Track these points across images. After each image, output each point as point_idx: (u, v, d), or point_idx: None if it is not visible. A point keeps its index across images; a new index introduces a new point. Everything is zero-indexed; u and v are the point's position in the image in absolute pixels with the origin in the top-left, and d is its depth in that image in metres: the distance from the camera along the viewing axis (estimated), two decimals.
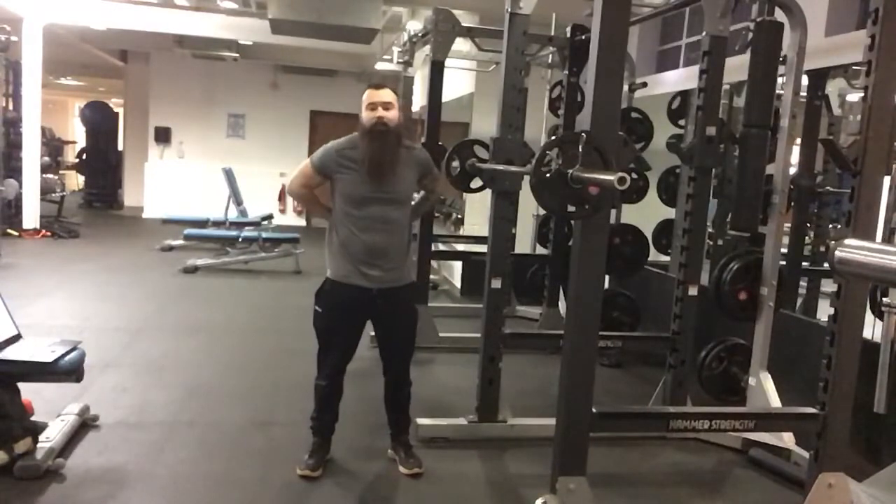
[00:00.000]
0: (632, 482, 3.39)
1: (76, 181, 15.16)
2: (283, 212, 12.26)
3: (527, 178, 2.36)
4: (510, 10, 3.55)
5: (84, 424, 3.39)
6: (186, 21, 9.76)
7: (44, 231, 9.39)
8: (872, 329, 3.28)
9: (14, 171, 9.12)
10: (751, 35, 3.57)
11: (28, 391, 3.11)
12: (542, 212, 6.08)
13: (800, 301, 5.20)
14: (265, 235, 8.24)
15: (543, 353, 4.99)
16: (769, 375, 3.58)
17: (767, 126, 3.56)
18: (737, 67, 3.88)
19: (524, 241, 6.50)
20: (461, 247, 7.35)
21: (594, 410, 2.56)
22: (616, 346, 4.36)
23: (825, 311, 3.10)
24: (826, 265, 4.23)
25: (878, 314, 3.20)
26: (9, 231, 8.90)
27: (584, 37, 4.96)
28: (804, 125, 4.67)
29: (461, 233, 8.34)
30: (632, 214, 5.08)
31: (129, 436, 3.40)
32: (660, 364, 3.99)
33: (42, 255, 8.14)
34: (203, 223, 8.60)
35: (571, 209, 2.36)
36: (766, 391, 3.53)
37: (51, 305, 5.89)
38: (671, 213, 5.15)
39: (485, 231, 4.20)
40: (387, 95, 3.00)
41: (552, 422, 2.63)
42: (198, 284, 7.22)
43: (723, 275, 3.66)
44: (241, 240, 8.14)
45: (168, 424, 3.57)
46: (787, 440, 3.48)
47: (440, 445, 3.50)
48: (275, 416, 3.81)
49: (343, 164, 3.01)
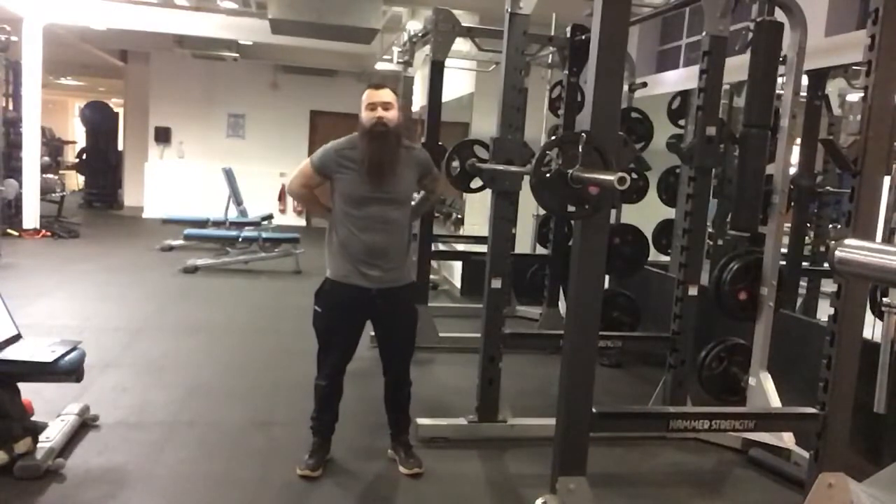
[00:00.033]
0: (632, 482, 3.39)
1: (76, 181, 15.16)
2: (283, 212, 12.27)
3: (527, 178, 2.36)
4: (510, 10, 3.55)
5: (84, 424, 3.39)
6: (186, 21, 9.77)
7: (44, 231, 9.39)
8: (872, 329, 3.28)
9: (14, 171, 9.12)
10: (751, 35, 3.57)
11: (28, 391, 3.11)
12: (542, 212, 6.08)
13: (800, 301, 5.20)
14: (265, 235, 8.24)
15: (543, 353, 4.98)
16: (769, 375, 3.58)
17: (767, 126, 3.56)
18: (737, 67, 3.88)
19: (524, 241, 6.49)
20: (461, 247, 7.35)
21: (594, 410, 2.56)
22: (616, 346, 4.35)
23: (825, 311, 3.10)
24: (826, 265, 4.23)
25: (878, 314, 3.20)
26: (9, 231, 8.90)
27: (584, 37, 4.96)
28: (804, 125, 4.67)
29: (461, 233, 8.34)
30: (632, 214, 5.08)
31: (129, 436, 3.40)
32: (660, 364, 3.99)
33: (42, 255, 8.14)
34: (203, 223, 8.60)
35: (571, 209, 2.36)
36: (766, 391, 3.53)
37: (51, 305, 5.89)
38: (671, 213, 5.15)
39: (485, 231, 4.20)
40: (386, 95, 3.00)
41: (552, 422, 2.63)
42: (198, 284, 7.22)
43: (723, 275, 3.66)
44: (241, 240, 8.14)
45: (168, 424, 3.57)
46: (787, 440, 3.48)
47: (440, 445, 3.50)
48: (275, 416, 3.81)
49: (343, 164, 3.01)
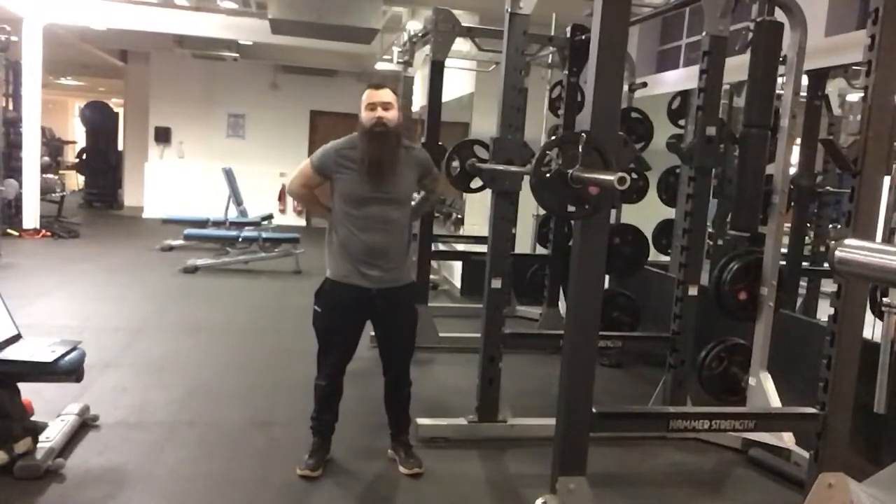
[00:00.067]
0: (632, 482, 3.39)
1: (76, 181, 15.16)
2: (283, 212, 12.27)
3: (527, 178, 2.36)
4: (510, 10, 3.55)
5: (84, 424, 3.39)
6: (186, 21, 9.77)
7: (44, 231, 9.39)
8: (872, 329, 3.28)
9: (14, 171, 9.12)
10: (751, 35, 3.57)
11: (28, 391, 3.11)
12: (542, 212, 6.07)
13: (800, 301, 5.19)
14: (265, 235, 8.24)
15: (543, 353, 4.98)
16: (769, 375, 3.58)
17: (767, 126, 3.56)
18: (737, 67, 3.87)
19: (524, 241, 6.49)
20: (461, 247, 7.35)
21: (594, 410, 2.56)
22: (616, 346, 4.35)
23: (825, 311, 3.10)
24: (826, 265, 4.23)
25: (878, 314, 3.20)
26: (9, 231, 8.90)
27: (584, 37, 4.96)
28: (804, 125, 4.67)
29: (461, 233, 8.34)
30: (632, 214, 5.08)
31: (129, 436, 3.40)
32: (660, 364, 3.99)
33: (42, 255, 8.14)
34: (203, 223, 8.60)
35: (571, 209, 2.36)
36: (766, 391, 3.53)
37: (51, 305, 5.89)
38: (671, 213, 5.15)
39: (485, 231, 4.20)
40: (386, 95, 3.00)
41: (552, 422, 2.63)
42: (198, 284, 7.22)
43: (723, 275, 3.66)
44: (241, 240, 8.14)
45: (168, 424, 3.57)
46: (787, 440, 3.48)
47: (440, 445, 3.50)
48: (275, 416, 3.81)
49: (342, 164, 3.01)
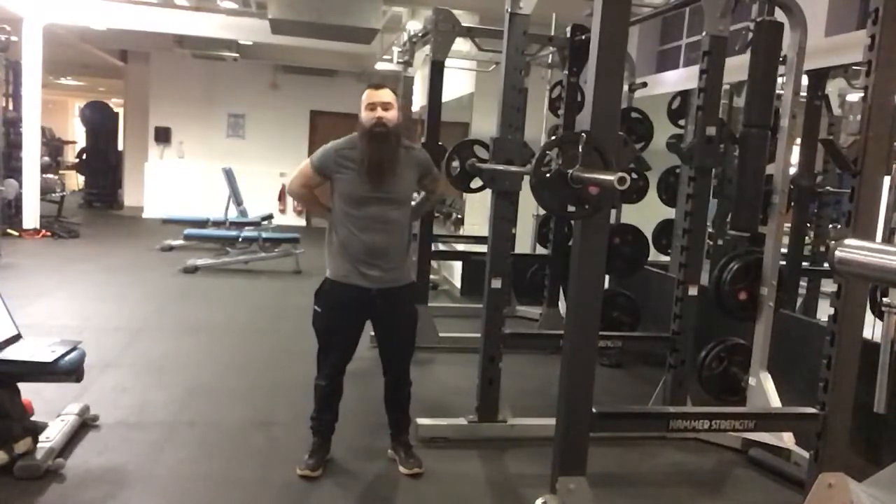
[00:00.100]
0: (632, 482, 3.39)
1: (76, 181, 15.16)
2: (283, 212, 12.27)
3: (527, 178, 2.36)
4: (510, 10, 3.55)
5: (84, 424, 3.39)
6: (186, 21, 9.77)
7: (44, 231, 9.39)
8: (872, 329, 3.28)
9: (14, 171, 9.12)
10: (751, 35, 3.57)
11: (28, 391, 3.11)
12: (542, 212, 6.07)
13: (800, 301, 5.19)
14: (265, 235, 8.24)
15: (543, 353, 4.98)
16: (769, 375, 3.58)
17: (767, 126, 3.56)
18: (737, 67, 3.87)
19: (524, 241, 6.49)
20: (461, 247, 7.35)
21: (594, 410, 2.56)
22: (616, 346, 4.35)
23: (825, 311, 3.10)
24: (826, 265, 4.23)
25: (878, 314, 3.20)
26: (9, 231, 8.90)
27: (584, 37, 4.96)
28: (804, 125, 4.67)
29: (461, 233, 8.34)
30: (632, 214, 5.08)
31: (129, 436, 3.40)
32: (660, 364, 3.99)
33: (42, 255, 8.14)
34: (203, 223, 8.60)
35: (571, 209, 2.36)
36: (766, 391, 3.53)
37: (51, 305, 5.89)
38: (671, 213, 5.15)
39: (485, 231, 4.20)
40: (386, 95, 3.00)
41: (552, 422, 2.63)
42: (198, 284, 7.22)
43: (723, 275, 3.66)
44: (241, 240, 8.14)
45: (168, 424, 3.57)
46: (787, 440, 3.48)
47: (440, 445, 3.50)
48: (275, 416, 3.81)
49: (342, 165, 3.01)
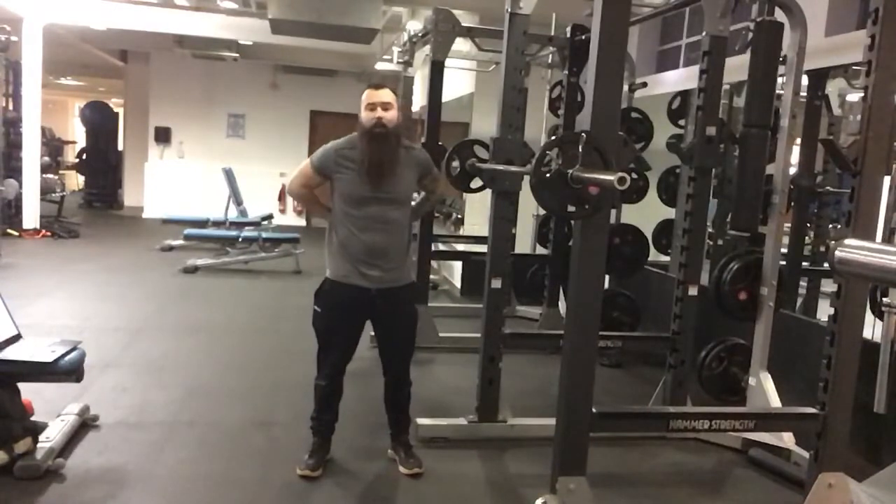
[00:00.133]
0: (632, 482, 3.39)
1: (76, 181, 15.16)
2: (283, 212, 12.27)
3: (527, 178, 2.36)
4: (510, 10, 3.55)
5: (84, 424, 3.39)
6: (186, 21, 9.77)
7: (44, 231, 9.39)
8: (872, 329, 3.28)
9: (14, 171, 9.12)
10: (751, 35, 3.57)
11: (28, 391, 3.11)
12: (542, 212, 6.07)
13: (800, 301, 5.19)
14: (265, 235, 8.24)
15: (543, 353, 4.98)
16: (769, 375, 3.58)
17: (767, 126, 3.56)
18: (737, 67, 3.87)
19: (524, 241, 6.49)
20: (461, 247, 7.35)
21: (594, 410, 2.56)
22: (616, 346, 4.35)
23: (825, 311, 3.10)
24: (826, 265, 4.23)
25: (878, 314, 3.20)
26: (9, 231, 8.90)
27: (584, 37, 4.96)
28: (804, 125, 4.67)
29: (461, 233, 8.34)
30: (632, 214, 5.08)
31: (129, 436, 3.40)
32: (660, 364, 3.99)
33: (42, 255, 8.14)
34: (203, 223, 8.60)
35: (571, 209, 2.36)
36: (766, 391, 3.53)
37: (51, 305, 5.89)
38: (671, 213, 5.15)
39: (485, 231, 4.20)
40: (386, 96, 3.00)
41: (552, 422, 2.63)
42: (198, 284, 7.22)
43: (723, 275, 3.66)
44: (241, 240, 8.14)
45: (168, 424, 3.57)
46: (787, 440, 3.48)
47: (440, 445, 3.50)
48: (275, 416, 3.81)
49: (342, 165, 3.01)
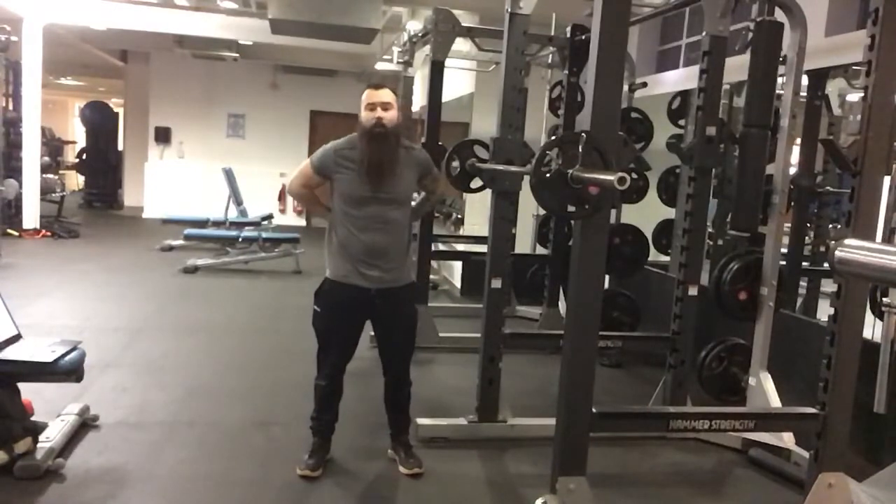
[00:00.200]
0: (632, 482, 3.39)
1: (76, 181, 15.16)
2: (283, 212, 12.26)
3: (527, 178, 2.36)
4: (510, 10, 3.55)
5: (84, 424, 3.39)
6: (186, 21, 9.77)
7: (44, 231, 9.39)
8: (872, 329, 3.28)
9: (14, 171, 9.11)
10: (751, 35, 3.57)
11: (28, 391, 3.11)
12: (542, 212, 6.07)
13: (800, 301, 5.19)
14: (265, 235, 8.24)
15: (543, 353, 4.98)
16: (769, 375, 3.58)
17: (767, 126, 3.56)
18: (737, 67, 3.87)
19: (524, 241, 6.49)
20: (461, 247, 7.35)
21: (594, 410, 2.56)
22: (616, 346, 4.35)
23: (825, 311, 3.10)
24: (826, 265, 4.23)
25: (878, 314, 3.20)
26: (9, 231, 8.89)
27: (584, 37, 4.96)
28: (804, 125, 4.67)
29: (461, 233, 8.34)
30: (632, 214, 5.08)
31: (129, 436, 3.39)
32: (660, 364, 3.98)
33: (42, 255, 8.14)
34: (203, 223, 8.60)
35: (571, 209, 2.36)
36: (766, 391, 3.53)
37: (51, 305, 5.89)
38: (671, 213, 5.15)
39: (485, 231, 4.20)
40: (386, 95, 3.00)
41: (552, 422, 2.63)
42: (198, 284, 7.22)
43: (723, 275, 3.66)
44: (241, 240, 8.13)
45: (168, 424, 3.57)
46: (787, 440, 3.48)
47: (440, 445, 3.50)
48: (275, 416, 3.81)
49: (342, 165, 3.01)
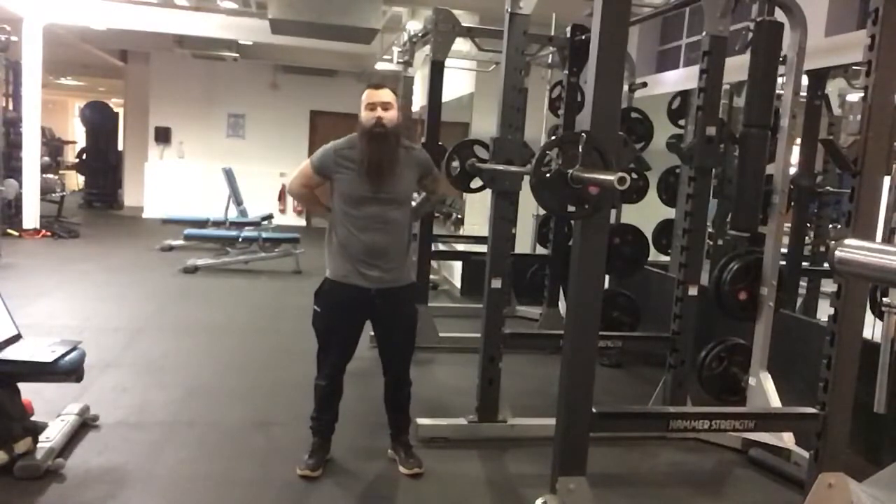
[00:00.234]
0: (632, 482, 3.39)
1: (76, 181, 15.16)
2: (283, 212, 12.26)
3: (527, 178, 2.36)
4: (510, 10, 3.55)
5: (84, 424, 3.39)
6: (186, 21, 9.77)
7: (44, 231, 9.39)
8: (872, 329, 3.28)
9: (14, 171, 9.11)
10: (751, 35, 3.57)
11: (28, 391, 3.11)
12: (542, 212, 6.07)
13: (800, 301, 5.19)
14: (265, 235, 8.24)
15: (543, 353, 4.98)
16: (769, 375, 3.58)
17: (767, 126, 3.56)
18: (737, 67, 3.88)
19: (524, 241, 6.50)
20: (461, 247, 7.35)
21: (594, 410, 2.56)
22: (616, 346, 4.35)
23: (825, 311, 3.10)
24: (826, 265, 4.23)
25: (878, 314, 3.20)
26: (9, 231, 8.89)
27: (584, 37, 4.96)
28: (804, 125, 4.67)
29: (461, 233, 8.34)
30: (632, 214, 5.08)
31: (129, 436, 3.39)
32: (660, 364, 3.98)
33: (42, 255, 8.14)
34: (203, 223, 8.60)
35: (571, 209, 2.36)
36: (766, 391, 3.53)
37: (51, 305, 5.88)
38: (671, 213, 5.15)
39: (485, 231, 4.20)
40: (386, 95, 3.00)
41: (552, 422, 2.63)
42: (198, 284, 7.22)
43: (723, 275, 3.66)
44: (241, 240, 8.14)
45: (168, 424, 3.57)
46: (787, 440, 3.48)
47: (440, 445, 3.50)
48: (275, 416, 3.80)
49: (342, 165, 3.01)
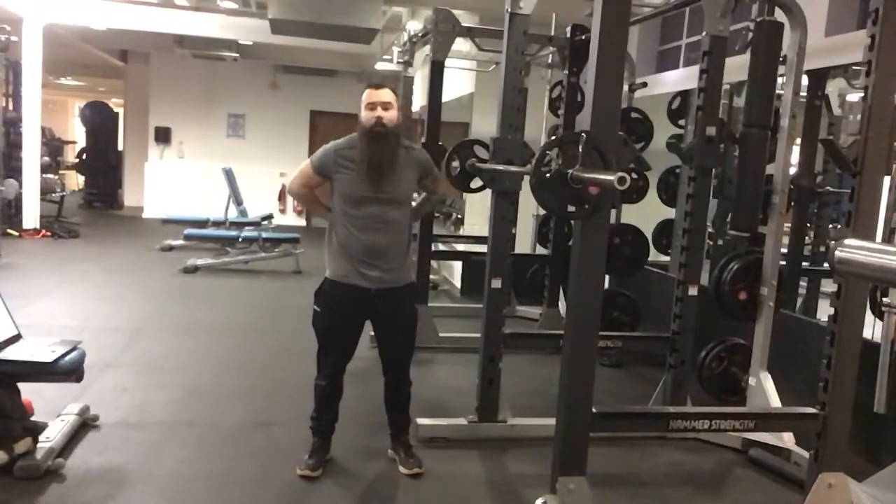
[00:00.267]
0: (632, 482, 3.38)
1: (76, 181, 15.17)
2: (283, 212, 12.27)
3: (527, 178, 2.36)
4: (510, 10, 3.55)
5: (84, 424, 3.39)
6: (186, 21, 9.78)
7: (44, 231, 9.39)
8: (872, 329, 3.28)
9: (14, 171, 9.12)
10: (751, 35, 3.57)
11: (28, 391, 3.11)
12: (542, 212, 6.07)
13: (800, 301, 5.19)
14: (265, 235, 8.24)
15: (543, 353, 4.98)
16: (769, 375, 3.58)
17: (767, 126, 3.56)
18: (737, 67, 3.88)
19: (524, 241, 6.50)
20: (461, 247, 7.35)
21: (594, 410, 2.56)
22: (616, 346, 4.35)
23: (825, 311, 3.10)
24: (826, 265, 4.23)
25: (878, 314, 3.20)
26: (9, 231, 8.89)
27: (584, 37, 4.96)
28: (804, 125, 4.67)
29: (461, 233, 8.34)
30: (632, 214, 5.08)
31: (129, 436, 3.40)
32: (660, 364, 3.98)
33: (42, 255, 8.14)
34: (203, 223, 8.61)
35: (571, 209, 2.36)
36: (766, 391, 3.53)
37: (51, 305, 5.89)
38: (671, 213, 5.15)
39: (485, 231, 4.20)
40: (386, 95, 3.00)
41: (552, 422, 2.63)
42: (198, 284, 7.22)
43: (723, 275, 3.66)
44: (241, 240, 8.14)
45: (168, 424, 3.57)
46: (787, 440, 3.48)
47: (440, 445, 3.50)
48: (275, 416, 3.80)
49: (342, 165, 3.01)
